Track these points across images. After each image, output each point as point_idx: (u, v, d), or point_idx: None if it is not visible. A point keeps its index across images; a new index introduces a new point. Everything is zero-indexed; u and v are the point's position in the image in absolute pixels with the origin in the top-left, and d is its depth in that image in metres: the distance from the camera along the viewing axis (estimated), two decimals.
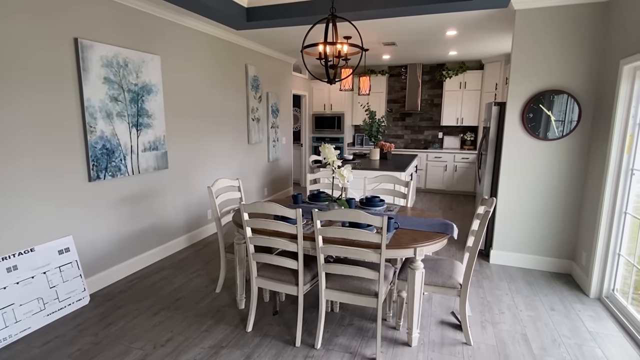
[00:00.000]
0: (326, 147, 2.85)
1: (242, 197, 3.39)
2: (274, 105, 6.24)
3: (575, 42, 3.34)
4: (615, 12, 3.04)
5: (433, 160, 7.45)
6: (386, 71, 7.91)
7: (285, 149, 6.95)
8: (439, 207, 6.33)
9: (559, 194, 3.59)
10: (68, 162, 2.94)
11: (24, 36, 2.57)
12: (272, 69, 6.19)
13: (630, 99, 2.85)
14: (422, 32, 4.66)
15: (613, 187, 2.98)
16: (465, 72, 7.16)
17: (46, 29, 2.71)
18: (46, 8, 2.70)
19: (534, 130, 3.56)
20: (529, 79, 3.52)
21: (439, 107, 7.74)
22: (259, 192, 6.06)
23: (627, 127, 2.87)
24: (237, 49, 5.12)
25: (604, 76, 3.19)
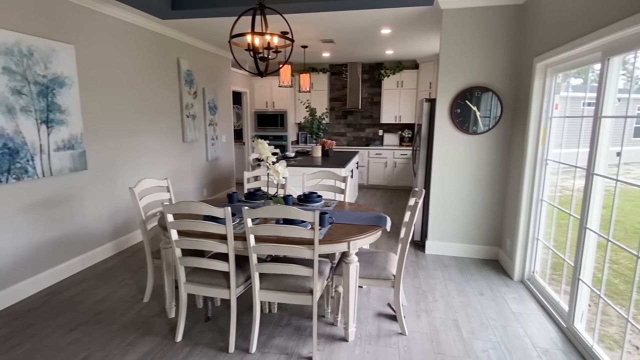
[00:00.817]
0: (259, 142, 2.75)
1: (171, 198, 3.17)
2: (211, 101, 5.98)
3: (496, 41, 3.56)
4: (529, 14, 3.28)
5: (374, 157, 7.63)
6: (327, 69, 7.94)
7: (225, 148, 6.70)
8: (380, 201, 6.49)
9: (486, 184, 3.81)
10: None
11: None
12: (208, 64, 5.92)
13: (542, 94, 3.09)
14: (358, 29, 4.71)
15: (530, 176, 3.22)
16: (402, 71, 7.42)
17: None
18: None
19: (462, 124, 3.74)
20: (456, 76, 3.69)
21: (378, 105, 7.94)
22: (197, 193, 5.77)
23: (541, 120, 3.11)
24: (167, 41, 4.81)
25: (521, 73, 3.43)
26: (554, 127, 3.06)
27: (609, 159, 2.29)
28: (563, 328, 2.58)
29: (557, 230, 3.23)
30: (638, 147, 11.35)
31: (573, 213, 2.62)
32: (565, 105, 2.94)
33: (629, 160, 10.95)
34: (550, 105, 3.06)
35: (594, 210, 2.33)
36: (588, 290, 2.42)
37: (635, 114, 2.13)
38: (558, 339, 2.49)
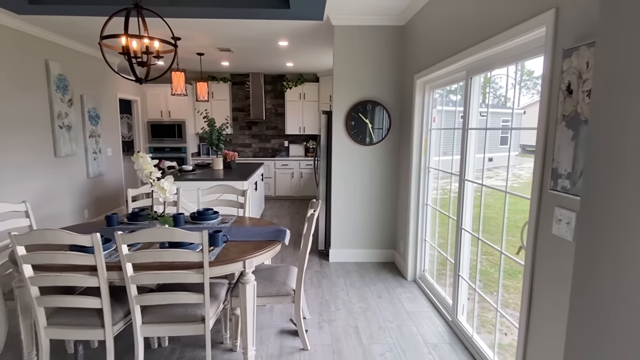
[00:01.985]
0: (140, 156, 2.46)
1: (31, 224, 2.66)
2: (91, 110, 5.28)
3: (384, 58, 3.82)
4: (408, 35, 3.60)
5: (281, 168, 7.60)
6: (229, 79, 7.71)
7: (112, 162, 5.98)
8: (288, 212, 6.46)
9: (381, 192, 4.04)
10: None
11: None
12: (87, 69, 5.23)
13: (423, 108, 3.39)
14: (255, 39, 4.64)
15: (416, 183, 3.49)
16: (304, 84, 7.57)
17: None
18: None
19: (357, 136, 3.91)
20: (349, 91, 3.86)
21: (283, 117, 7.96)
22: (76, 215, 5.01)
23: (422, 132, 3.41)
24: (30, 40, 4.11)
25: (405, 89, 3.73)
26: (433, 138, 3.39)
27: (485, 164, 2.59)
28: (449, 322, 2.81)
29: (442, 230, 3.55)
30: (504, 154, 13.51)
31: (451, 215, 2.90)
32: (441, 117, 3.28)
33: (498, 164, 12.92)
34: (429, 118, 3.37)
35: (467, 211, 2.61)
36: (467, 284, 2.69)
37: (498, 125, 2.45)
38: (445, 332, 2.71)
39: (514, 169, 14.30)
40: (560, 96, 1.46)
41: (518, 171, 13.97)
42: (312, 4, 2.75)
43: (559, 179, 1.48)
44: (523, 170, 14.37)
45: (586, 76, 1.32)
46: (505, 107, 12.23)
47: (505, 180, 2.28)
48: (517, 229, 5.92)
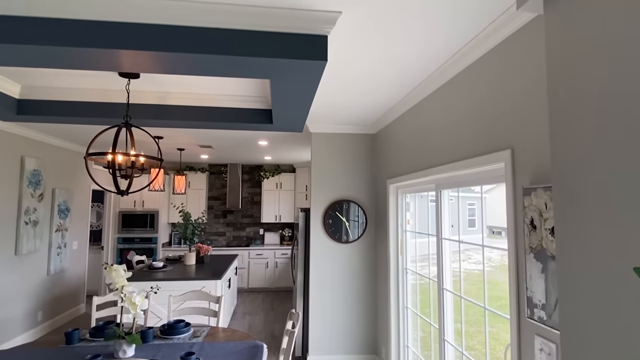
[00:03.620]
0: (113, 269, 2.37)
1: None
2: (62, 203, 5.14)
3: (358, 161, 4.08)
4: (379, 143, 3.91)
5: (255, 258, 7.41)
6: (207, 169, 7.86)
7: (76, 256, 5.65)
8: (261, 307, 6.14)
9: (360, 292, 3.97)
10: None
11: None
12: (62, 162, 5.22)
13: (397, 210, 3.55)
14: (237, 139, 4.89)
15: (395, 284, 3.49)
16: (280, 174, 7.82)
17: None
18: None
19: (334, 234, 3.97)
20: (326, 190, 4.02)
21: (259, 205, 8.02)
22: (29, 318, 4.54)
23: (398, 233, 3.51)
24: (8, 138, 4.13)
25: (379, 190, 3.93)
26: (409, 240, 3.48)
27: (455, 254, 2.65)
28: None
29: (424, 335, 3.46)
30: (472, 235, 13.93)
31: (432, 322, 2.86)
32: (415, 220, 3.42)
33: (468, 247, 13.22)
34: (403, 220, 3.51)
35: (448, 322, 2.59)
36: None
37: (466, 239, 2.58)
38: None
39: (486, 252, 14.62)
40: (526, 229, 1.60)
41: (488, 253, 14.28)
42: (293, 122, 2.99)
43: (534, 309, 1.54)
44: (493, 252, 14.72)
45: (547, 215, 1.47)
46: (471, 191, 12.98)
47: (478, 262, 2.33)
48: (497, 321, 5.86)
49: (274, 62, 1.74)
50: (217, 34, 1.66)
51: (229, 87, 2.91)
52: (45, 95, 2.86)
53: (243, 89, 2.95)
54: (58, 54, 1.72)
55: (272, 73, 1.89)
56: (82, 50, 1.68)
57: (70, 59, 1.78)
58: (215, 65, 1.80)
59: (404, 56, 2.17)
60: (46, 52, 1.70)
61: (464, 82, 2.17)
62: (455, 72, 2.23)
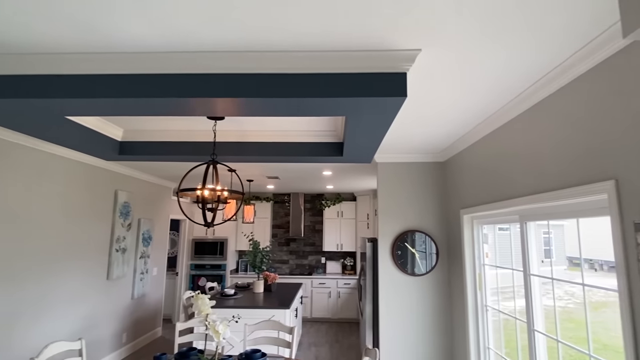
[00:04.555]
0: (199, 298, 2.52)
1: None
2: (146, 232, 5.63)
3: (426, 190, 3.98)
4: (450, 171, 3.80)
5: (317, 287, 7.41)
6: (271, 198, 8.16)
7: (155, 282, 6.09)
8: (325, 339, 6.05)
9: (433, 329, 3.77)
10: None
11: None
12: (147, 194, 5.76)
13: (473, 242, 3.37)
14: (303, 171, 5.06)
15: (474, 323, 3.26)
16: (341, 202, 7.86)
17: None
18: None
19: (404, 266, 3.86)
20: (394, 220, 3.95)
21: (320, 233, 8.09)
22: (115, 339, 4.93)
23: (475, 267, 3.32)
24: (106, 175, 4.68)
25: (451, 221, 3.78)
26: (488, 271, 3.27)
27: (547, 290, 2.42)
28: None
29: None
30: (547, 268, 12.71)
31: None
32: (495, 253, 3.21)
33: (545, 281, 12.01)
34: (481, 253, 3.32)
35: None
36: None
37: (559, 276, 2.36)
38: None
39: (565, 285, 13.16)
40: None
41: (570, 288, 12.83)
42: (363, 154, 3.04)
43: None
44: (575, 287, 13.19)
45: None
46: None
47: (558, 298, 2.09)
48: None
49: (354, 100, 1.81)
50: (303, 79, 1.78)
51: (301, 123, 3.06)
52: (141, 137, 3.23)
53: (314, 125, 3.08)
54: (162, 104, 1.95)
55: (350, 111, 1.96)
56: (183, 100, 1.89)
57: (171, 108, 2.01)
58: (299, 107, 1.92)
59: (484, 84, 2.13)
60: (154, 103, 1.94)
61: (555, 105, 2.06)
62: (544, 95, 2.12)
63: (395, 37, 1.62)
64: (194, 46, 1.72)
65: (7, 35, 1.65)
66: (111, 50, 1.78)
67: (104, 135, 3.08)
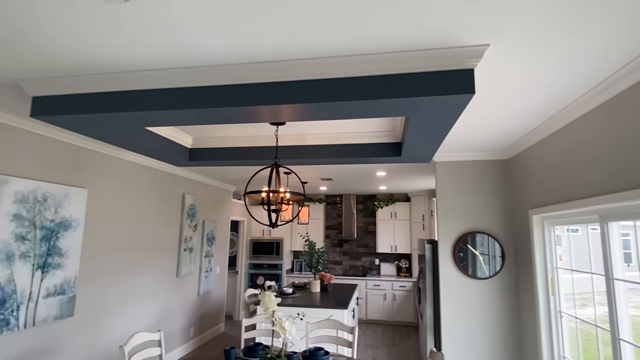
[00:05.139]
0: (266, 295, 2.63)
1: (162, 354, 2.87)
2: (209, 232, 5.98)
3: (488, 189, 3.81)
4: (517, 168, 3.60)
5: (372, 289, 7.36)
6: (323, 199, 8.27)
7: (218, 279, 6.44)
8: (382, 342, 6.00)
9: (500, 335, 3.60)
10: None
11: None
12: (210, 197, 6.12)
13: (544, 244, 3.17)
14: (356, 172, 5.08)
15: (547, 330, 3.06)
16: (394, 203, 7.75)
17: None
18: None
19: (466, 269, 3.72)
20: (454, 221, 3.83)
21: (373, 235, 8.03)
22: (184, 333, 5.29)
23: (547, 271, 3.12)
24: (175, 179, 5.05)
25: (518, 221, 3.59)
26: (562, 276, 3.06)
27: None
28: None
29: None
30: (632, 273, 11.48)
31: None
32: (570, 255, 3.00)
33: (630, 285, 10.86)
34: (553, 256, 3.11)
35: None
36: None
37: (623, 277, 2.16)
38: None
39: None
40: None
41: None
42: (423, 154, 2.99)
43: None
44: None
45: None
46: None
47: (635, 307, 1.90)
48: None
49: (420, 100, 1.81)
50: (369, 82, 1.81)
51: (358, 125, 3.08)
52: (209, 144, 3.46)
53: (372, 126, 3.09)
54: (233, 113, 2.09)
55: (415, 110, 1.95)
56: (253, 108, 2.00)
57: (242, 116, 2.14)
58: (362, 110, 1.95)
59: (558, 77, 2.02)
60: (226, 112, 2.08)
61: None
62: (627, 85, 1.96)
63: (462, 34, 1.59)
64: (264, 57, 1.82)
65: (99, 56, 1.87)
66: (186, 66, 1.94)
67: (177, 143, 3.34)
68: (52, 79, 2.13)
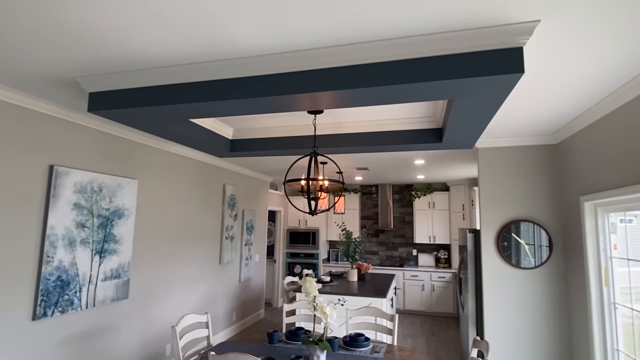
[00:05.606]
0: (307, 280, 2.69)
1: (209, 335, 3.02)
2: (249, 222, 6.16)
3: (536, 176, 3.64)
4: (567, 153, 3.41)
5: (410, 279, 7.29)
6: (358, 189, 8.24)
7: (258, 267, 6.63)
8: (421, 332, 5.95)
9: (547, 327, 3.46)
10: (11, 297, 2.57)
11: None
12: (249, 188, 6.29)
13: (597, 233, 2.99)
14: (393, 160, 5.01)
15: (600, 323, 2.91)
16: (432, 193, 7.58)
17: (21, 159, 2.65)
18: (22, 137, 2.69)
19: (511, 258, 3.60)
20: (498, 209, 3.70)
21: (411, 225, 7.92)
22: (227, 318, 5.52)
23: (600, 260, 2.95)
24: (216, 171, 5.23)
25: (568, 209, 3.41)
26: (617, 268, 2.88)
27: None
28: None
29: None
30: None
31: None
32: (626, 244, 2.82)
33: None
34: (607, 244, 2.94)
35: None
36: None
37: None
38: None
39: None
40: None
41: None
42: (465, 139, 2.91)
43: None
44: None
45: None
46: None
47: None
48: None
49: (465, 81, 1.76)
50: (410, 65, 1.78)
51: (397, 111, 3.04)
52: (248, 135, 3.55)
53: (411, 112, 3.04)
54: (273, 102, 2.13)
55: (458, 93, 1.90)
56: (293, 97, 2.03)
57: (281, 105, 2.18)
58: (403, 94, 1.92)
59: (614, 52, 1.88)
60: (266, 102, 2.13)
61: None
62: None
63: (511, 10, 1.52)
64: (304, 45, 1.84)
65: (149, 51, 1.97)
66: (228, 57, 2.00)
67: (219, 134, 3.46)
68: (106, 75, 2.27)
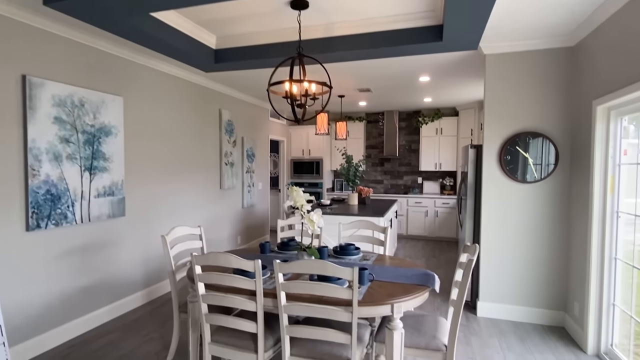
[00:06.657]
0: (294, 189, 2.62)
1: (203, 247, 3.06)
2: (249, 149, 6.07)
3: (546, 84, 3.34)
4: (584, 55, 3.07)
5: (414, 206, 7.29)
6: (364, 117, 7.97)
7: (261, 195, 6.69)
8: (422, 254, 6.06)
9: (546, 239, 3.40)
10: (2, 208, 2.59)
11: None
12: (247, 114, 6.10)
13: (607, 139, 2.78)
14: (396, 77, 4.68)
15: (600, 231, 2.81)
16: (441, 118, 7.27)
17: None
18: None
19: (513, 172, 3.44)
20: (504, 122, 3.47)
21: (417, 153, 7.74)
22: (231, 240, 5.69)
23: (607, 168, 2.77)
24: (210, 94, 5.02)
25: (578, 117, 3.15)
26: (624, 175, 2.71)
27: None
28: None
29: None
30: None
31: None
32: (639, 149, 2.61)
33: None
34: (617, 151, 2.73)
35: None
36: None
37: None
38: None
39: None
40: None
41: None
42: (467, 36, 2.60)
43: None
44: None
45: None
46: None
47: None
48: None
49: None
50: None
51: (394, 6, 2.70)
52: (233, 43, 3.28)
53: (409, 6, 2.70)
54: None
55: None
56: None
57: None
58: None
59: None
60: None
61: None
62: None
63: None
64: None
65: None
66: None
67: (201, 42, 3.20)
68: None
